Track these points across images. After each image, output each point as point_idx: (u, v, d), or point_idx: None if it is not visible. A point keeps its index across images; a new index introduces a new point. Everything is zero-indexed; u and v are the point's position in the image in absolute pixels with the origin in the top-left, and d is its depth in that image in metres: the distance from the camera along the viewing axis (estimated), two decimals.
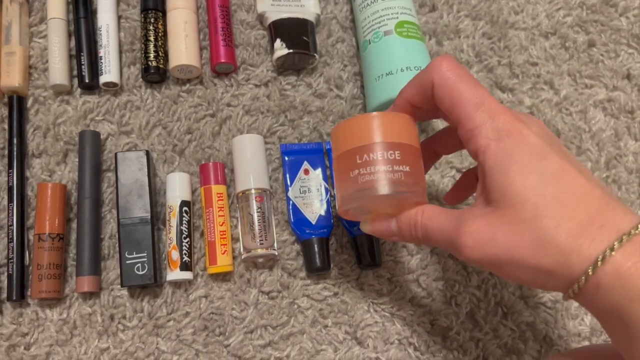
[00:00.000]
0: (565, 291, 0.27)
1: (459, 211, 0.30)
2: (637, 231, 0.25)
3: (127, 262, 0.40)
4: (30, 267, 0.41)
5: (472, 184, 0.38)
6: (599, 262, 0.25)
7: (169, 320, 0.41)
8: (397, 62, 0.43)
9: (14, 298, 0.40)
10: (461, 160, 0.46)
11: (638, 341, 0.24)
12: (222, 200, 0.43)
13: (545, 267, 0.26)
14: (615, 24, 0.52)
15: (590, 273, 0.25)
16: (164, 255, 0.42)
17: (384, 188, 0.30)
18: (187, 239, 0.41)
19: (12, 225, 0.41)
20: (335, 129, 0.33)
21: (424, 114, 0.35)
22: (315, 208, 0.43)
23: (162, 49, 0.46)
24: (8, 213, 0.42)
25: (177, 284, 0.42)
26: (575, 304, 0.43)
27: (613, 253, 0.25)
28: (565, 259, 0.26)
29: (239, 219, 0.43)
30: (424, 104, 0.33)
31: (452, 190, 0.41)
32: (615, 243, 0.25)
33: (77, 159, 0.44)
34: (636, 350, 0.25)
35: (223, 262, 0.41)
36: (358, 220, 0.36)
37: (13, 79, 0.44)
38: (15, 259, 0.41)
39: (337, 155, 0.33)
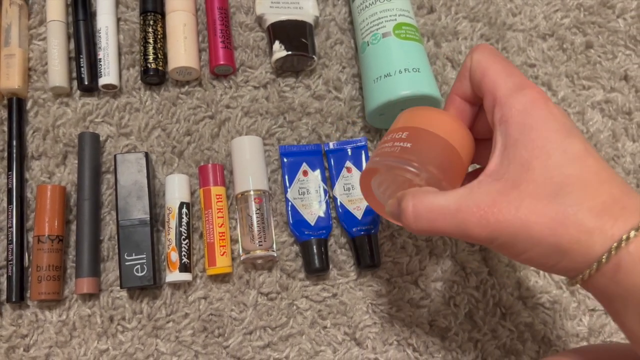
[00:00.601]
0: (577, 274, 0.26)
1: (468, 187, 0.28)
2: None
3: (127, 263, 0.40)
4: (30, 269, 0.41)
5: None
6: (623, 242, 0.24)
7: (168, 322, 0.41)
8: (396, 64, 0.43)
9: (14, 300, 0.40)
10: None
11: None
12: (221, 201, 0.43)
13: (563, 245, 0.26)
14: (612, 25, 0.52)
15: (612, 253, 0.25)
16: (163, 257, 0.42)
17: (376, 158, 0.32)
18: (186, 241, 0.42)
19: (11, 227, 0.41)
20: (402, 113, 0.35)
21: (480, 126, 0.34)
22: (314, 209, 0.43)
23: (161, 51, 0.46)
24: (7, 215, 0.42)
25: (176, 286, 0.42)
26: (574, 304, 0.43)
27: (637, 234, 0.24)
28: (587, 237, 0.25)
29: (238, 220, 0.43)
30: (470, 95, 0.33)
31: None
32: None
33: (76, 161, 0.44)
34: None
35: (222, 263, 0.41)
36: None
37: (12, 81, 0.44)
38: (14, 261, 0.41)
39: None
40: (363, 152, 0.45)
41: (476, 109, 0.34)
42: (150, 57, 0.46)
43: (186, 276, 0.41)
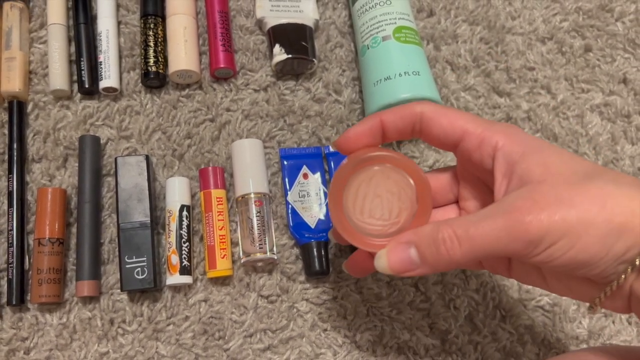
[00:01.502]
0: (633, 260, 0.25)
1: (502, 200, 0.27)
2: None
3: (127, 266, 0.40)
4: (30, 272, 0.41)
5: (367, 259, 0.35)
6: None
7: (168, 325, 0.41)
8: (396, 67, 0.43)
9: (14, 303, 0.40)
10: None
11: None
12: (221, 204, 0.43)
13: (617, 220, 0.24)
14: (611, 29, 0.52)
15: None
16: (163, 260, 0.42)
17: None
18: (187, 243, 0.42)
19: (12, 229, 0.41)
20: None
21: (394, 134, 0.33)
22: (314, 212, 0.44)
23: (161, 54, 0.46)
24: (8, 218, 0.42)
25: (176, 288, 0.42)
26: (574, 307, 0.43)
27: None
28: (633, 218, 0.24)
29: (238, 223, 0.43)
30: (397, 130, 0.32)
31: (350, 259, 0.38)
32: None
33: (77, 164, 0.44)
34: None
35: (222, 266, 0.41)
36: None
37: (13, 84, 0.44)
38: (15, 264, 0.41)
39: None
40: None
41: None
42: (151, 60, 0.46)
43: (187, 279, 0.41)
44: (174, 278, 0.41)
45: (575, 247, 0.25)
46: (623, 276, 0.25)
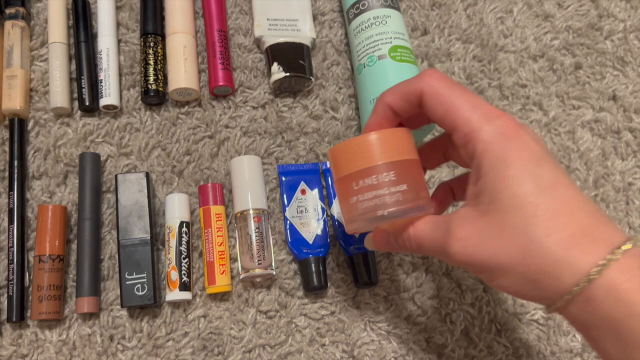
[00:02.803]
0: (551, 303, 0.27)
1: (448, 217, 0.30)
2: (628, 246, 0.25)
3: (127, 282, 0.40)
4: (30, 289, 0.41)
5: (447, 197, 0.38)
6: (593, 276, 0.25)
7: (168, 340, 0.41)
8: (391, 85, 0.44)
9: (14, 319, 0.40)
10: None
11: (634, 354, 0.24)
12: (220, 220, 0.43)
13: (532, 276, 0.26)
14: (600, 47, 0.53)
15: (582, 286, 0.25)
16: (163, 276, 0.43)
17: (382, 212, 0.31)
18: (186, 259, 0.42)
19: (12, 246, 0.42)
20: (330, 151, 0.33)
21: (412, 121, 0.35)
22: (312, 228, 0.44)
23: (161, 72, 0.47)
24: (8, 235, 0.42)
25: (176, 304, 0.42)
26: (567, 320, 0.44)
27: (607, 267, 0.24)
28: (554, 269, 0.26)
29: (237, 239, 0.43)
30: (406, 111, 0.32)
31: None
32: (609, 256, 0.25)
33: (77, 181, 0.44)
34: None
35: (221, 282, 0.42)
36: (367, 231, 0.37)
37: (14, 101, 0.45)
38: (15, 281, 0.41)
39: (336, 179, 0.33)
40: None
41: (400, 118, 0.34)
42: (151, 78, 0.46)
43: (186, 295, 0.41)
44: (174, 294, 0.41)
45: (495, 284, 0.29)
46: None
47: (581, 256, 0.25)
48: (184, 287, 0.41)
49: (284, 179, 0.46)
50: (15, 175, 0.44)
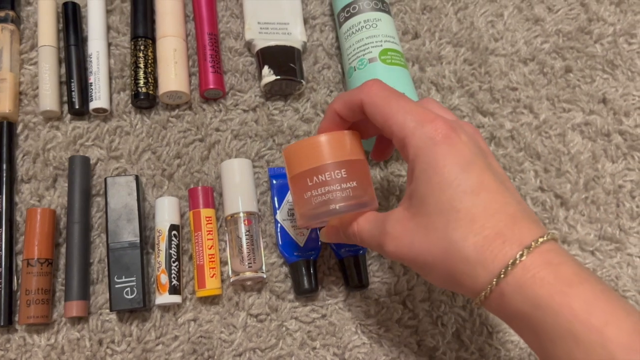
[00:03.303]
0: (474, 297, 0.29)
1: (384, 216, 0.33)
2: (537, 244, 0.27)
3: (116, 286, 0.40)
4: (19, 293, 0.41)
5: (388, 145, 0.40)
6: (502, 275, 0.27)
7: (157, 344, 0.41)
8: None
9: (2, 324, 0.40)
10: None
11: (547, 342, 0.27)
12: (210, 223, 0.43)
13: (454, 275, 0.29)
14: (590, 50, 0.54)
15: (494, 284, 0.28)
16: (152, 279, 0.42)
17: (334, 206, 0.34)
18: (176, 263, 0.42)
19: (0, 250, 0.41)
20: (285, 151, 0.36)
21: (366, 130, 0.37)
22: (303, 230, 0.44)
23: (151, 76, 0.47)
24: None
25: (165, 308, 0.42)
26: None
27: (513, 266, 0.27)
28: (471, 269, 0.28)
29: (227, 242, 0.43)
30: (351, 117, 0.35)
31: (374, 149, 0.42)
32: (518, 255, 0.27)
33: (66, 184, 0.44)
34: (548, 351, 0.27)
35: (212, 285, 0.42)
36: (318, 226, 0.39)
37: (3, 105, 0.45)
38: (3, 285, 0.41)
39: (290, 176, 0.36)
40: None
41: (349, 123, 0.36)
42: (141, 82, 0.46)
43: (176, 298, 0.41)
44: (164, 297, 0.41)
45: (428, 279, 0.32)
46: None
47: (493, 257, 0.28)
48: (174, 290, 0.41)
49: (274, 182, 0.46)
50: (4, 179, 0.43)
